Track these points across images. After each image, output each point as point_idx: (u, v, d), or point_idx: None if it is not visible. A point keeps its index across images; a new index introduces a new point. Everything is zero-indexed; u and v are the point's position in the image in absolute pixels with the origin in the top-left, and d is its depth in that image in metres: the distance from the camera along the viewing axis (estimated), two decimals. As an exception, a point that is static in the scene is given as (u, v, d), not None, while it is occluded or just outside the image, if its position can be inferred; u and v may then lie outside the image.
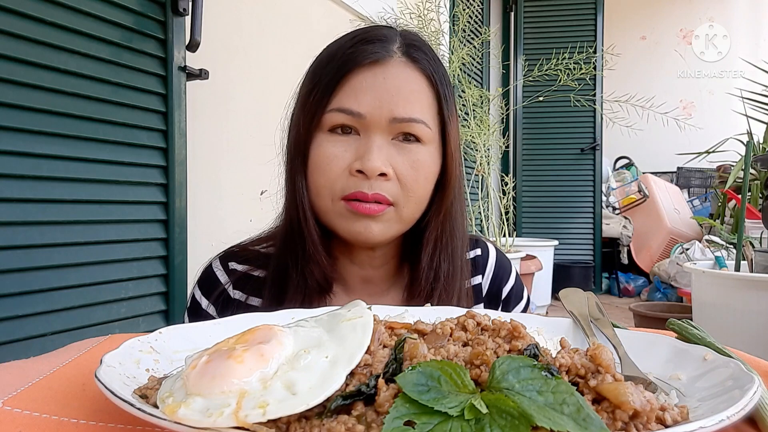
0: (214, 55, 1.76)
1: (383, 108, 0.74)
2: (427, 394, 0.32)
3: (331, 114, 0.75)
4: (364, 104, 0.74)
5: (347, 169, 0.74)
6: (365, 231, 0.74)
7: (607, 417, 0.33)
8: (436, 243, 0.80)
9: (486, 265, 0.91)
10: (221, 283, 0.82)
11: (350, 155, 0.74)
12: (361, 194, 0.73)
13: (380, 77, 0.75)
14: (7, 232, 1.17)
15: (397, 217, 0.76)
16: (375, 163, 0.72)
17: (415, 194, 0.76)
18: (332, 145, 0.75)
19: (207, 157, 1.81)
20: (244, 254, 0.85)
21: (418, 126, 0.75)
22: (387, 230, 0.76)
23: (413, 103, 0.76)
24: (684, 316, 0.70)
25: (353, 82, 0.75)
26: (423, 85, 0.78)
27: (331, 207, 0.75)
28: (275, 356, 0.37)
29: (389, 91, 0.74)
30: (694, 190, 5.99)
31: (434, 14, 3.03)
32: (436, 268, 0.80)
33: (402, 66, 0.77)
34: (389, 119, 0.74)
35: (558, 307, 4.28)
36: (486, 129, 3.35)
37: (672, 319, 0.56)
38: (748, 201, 4.06)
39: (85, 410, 0.38)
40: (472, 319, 0.44)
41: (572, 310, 0.60)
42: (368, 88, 0.74)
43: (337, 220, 0.76)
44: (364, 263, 0.84)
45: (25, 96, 1.20)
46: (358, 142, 0.75)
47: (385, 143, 0.75)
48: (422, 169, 0.76)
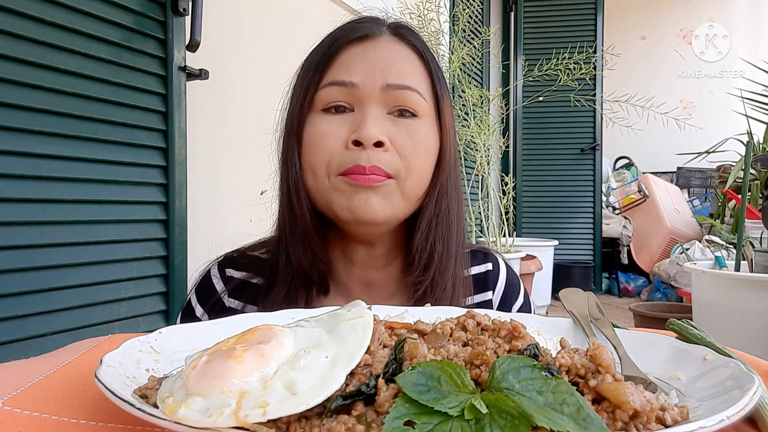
0: (214, 55, 1.76)
1: (375, 76, 0.72)
2: (427, 394, 0.32)
3: (323, 90, 0.73)
4: (356, 74, 0.72)
5: (343, 144, 0.71)
6: (364, 204, 0.70)
7: (607, 417, 0.33)
8: (431, 222, 0.77)
9: (497, 281, 0.88)
10: (217, 291, 0.80)
11: (345, 130, 0.72)
12: (358, 167, 0.70)
13: (371, 49, 0.74)
14: (7, 232, 1.17)
15: (398, 191, 0.73)
16: (371, 130, 0.69)
17: (416, 167, 0.73)
18: (326, 122, 0.73)
19: (207, 157, 1.81)
20: (243, 260, 0.83)
21: (412, 95, 0.73)
22: (388, 205, 0.72)
23: (406, 72, 0.74)
24: (684, 316, 0.70)
25: (343, 57, 0.74)
26: (414, 59, 0.77)
27: (327, 184, 0.72)
28: (275, 356, 0.37)
29: (381, 60, 0.73)
30: (694, 190, 6.00)
31: (434, 14, 3.03)
32: (430, 248, 0.76)
33: (392, 41, 0.76)
34: (382, 86, 0.72)
35: (558, 307, 4.28)
36: (486, 129, 3.35)
37: (672, 319, 0.56)
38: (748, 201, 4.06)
39: (85, 410, 0.38)
40: (472, 319, 0.44)
41: (572, 310, 0.60)
42: (359, 60, 0.73)
43: (335, 196, 0.72)
44: (365, 263, 0.80)
45: (25, 96, 1.20)
46: (352, 117, 0.73)
47: (381, 114, 0.72)
48: (421, 141, 0.74)
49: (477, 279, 0.86)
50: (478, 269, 0.87)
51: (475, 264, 0.87)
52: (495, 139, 3.65)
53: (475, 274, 0.86)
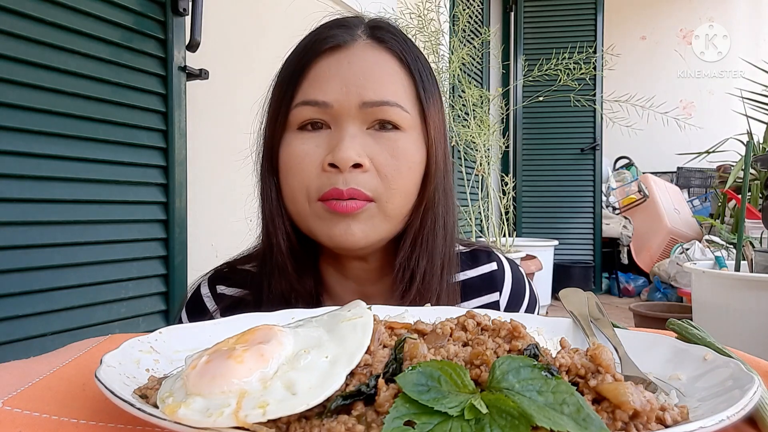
0: (214, 55, 1.76)
1: (350, 93, 0.67)
2: (427, 394, 0.32)
3: (297, 109, 0.69)
4: (330, 92, 0.67)
5: (320, 166, 0.67)
6: (345, 233, 0.67)
7: (607, 417, 0.33)
8: (415, 239, 0.72)
9: (503, 281, 0.83)
10: (209, 310, 0.78)
11: (322, 150, 0.68)
12: (336, 191, 0.66)
13: (344, 62, 0.69)
14: (7, 232, 1.17)
15: (380, 214, 0.68)
16: (346, 152, 0.65)
17: (399, 186, 0.69)
18: (302, 143, 0.69)
19: (207, 157, 1.80)
20: (234, 276, 0.80)
21: (392, 110, 0.68)
22: (371, 230, 0.68)
23: (384, 85, 0.69)
24: (684, 316, 0.70)
25: (315, 72, 0.69)
26: (394, 66, 0.71)
27: (308, 210, 0.69)
28: (275, 356, 0.37)
29: (355, 74, 0.68)
30: (694, 190, 6.00)
31: (434, 14, 3.03)
32: (413, 267, 0.72)
33: (368, 48, 0.71)
34: (359, 104, 0.67)
35: (558, 307, 4.28)
36: (486, 129, 3.35)
37: (672, 319, 0.56)
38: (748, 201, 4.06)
39: (85, 410, 0.38)
40: (472, 319, 0.44)
41: (572, 310, 0.60)
42: (332, 75, 0.68)
43: (316, 223, 0.69)
44: (360, 278, 0.77)
45: (25, 96, 1.20)
46: (329, 135, 0.68)
47: (359, 132, 0.68)
48: (403, 157, 0.69)
49: (482, 280, 0.82)
50: (482, 270, 0.83)
51: (477, 265, 0.83)
52: (495, 139, 3.65)
53: (479, 275, 0.83)
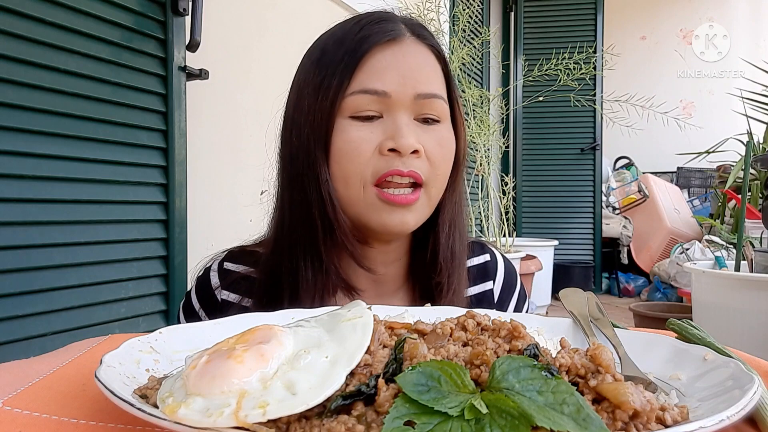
0: (214, 55, 1.76)
1: (407, 85, 0.72)
2: (427, 394, 0.32)
3: (353, 97, 0.72)
4: (388, 82, 0.72)
5: (377, 151, 0.71)
6: (401, 224, 0.73)
7: (607, 417, 0.33)
8: (452, 223, 0.80)
9: (496, 271, 0.90)
10: (211, 286, 0.81)
11: (377, 137, 0.72)
12: (397, 171, 0.70)
13: (399, 54, 0.73)
14: (7, 232, 1.17)
15: (426, 199, 0.75)
16: (408, 139, 0.70)
17: (442, 172, 0.75)
18: (357, 130, 0.72)
19: (207, 157, 1.81)
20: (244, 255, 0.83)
21: (438, 102, 0.74)
22: (420, 217, 0.75)
23: (432, 79, 0.75)
24: (684, 316, 0.70)
25: (373, 62, 0.72)
26: (434, 62, 0.77)
27: (361, 196, 0.72)
28: (275, 356, 0.37)
29: (411, 67, 0.73)
30: (694, 190, 6.00)
31: (434, 14, 3.03)
32: (452, 246, 0.79)
33: (415, 44, 0.76)
34: (413, 96, 0.72)
35: (558, 307, 4.28)
36: (486, 129, 3.35)
37: (672, 319, 0.56)
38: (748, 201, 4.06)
39: (85, 410, 0.38)
40: (472, 319, 0.44)
41: (572, 310, 0.60)
42: (389, 66, 0.72)
43: (368, 210, 0.73)
44: (376, 260, 0.80)
45: (25, 96, 1.20)
46: (383, 124, 0.72)
47: (411, 122, 0.73)
48: (446, 146, 0.76)
49: (477, 269, 0.89)
50: (477, 260, 0.90)
51: (473, 255, 0.89)
52: (495, 139, 3.65)
53: (475, 265, 0.89)
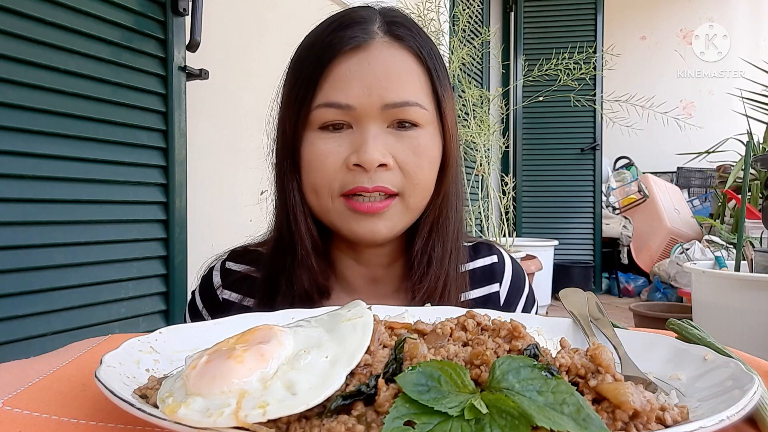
0: (214, 55, 1.76)
1: (372, 96, 0.69)
2: (427, 394, 0.32)
3: (318, 110, 0.70)
4: (352, 95, 0.69)
5: (343, 165, 0.69)
6: (371, 232, 0.70)
7: (607, 417, 0.33)
8: (432, 227, 0.76)
9: (503, 273, 0.86)
10: (213, 285, 0.81)
11: (345, 149, 0.69)
12: (362, 188, 0.68)
13: (365, 63, 0.70)
14: (7, 232, 1.17)
15: (403, 209, 0.72)
16: (372, 154, 0.67)
17: (420, 181, 0.72)
18: (324, 143, 0.70)
19: (207, 157, 1.81)
20: (246, 255, 0.83)
21: (412, 110, 0.70)
22: (394, 225, 0.72)
23: (404, 85, 0.71)
24: (684, 316, 0.70)
25: (336, 73, 0.70)
26: (411, 63, 0.72)
27: (331, 206, 0.71)
28: (275, 356, 0.37)
29: (376, 76, 0.69)
30: (694, 190, 6.00)
31: (434, 14, 3.03)
32: (430, 251, 0.76)
33: (386, 47, 0.71)
34: (381, 106, 0.69)
35: (558, 307, 4.28)
36: (486, 129, 3.35)
37: (672, 319, 0.56)
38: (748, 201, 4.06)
39: (85, 410, 0.38)
40: (472, 319, 0.44)
41: (572, 310, 0.60)
42: (353, 77, 0.69)
43: (339, 220, 0.71)
44: (371, 262, 0.79)
45: (25, 96, 1.20)
46: (351, 135, 0.70)
47: (381, 132, 0.70)
48: (424, 154, 0.72)
49: (483, 271, 0.85)
50: (483, 262, 0.86)
51: (479, 257, 0.86)
52: (495, 139, 3.65)
53: (480, 267, 0.86)
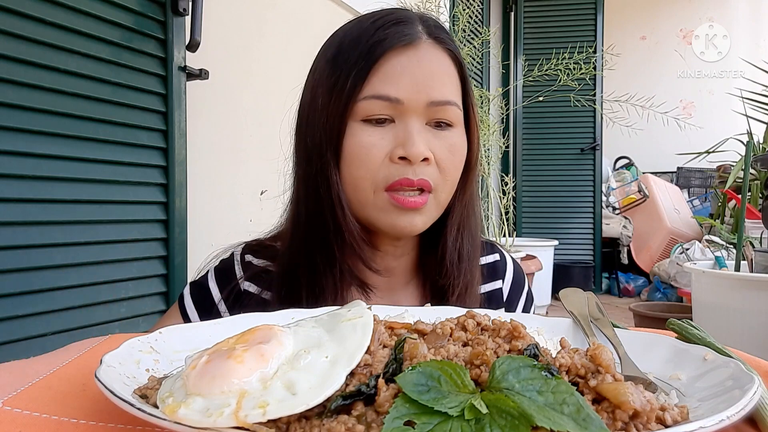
0: (214, 55, 1.76)
1: (420, 92, 0.72)
2: (427, 394, 0.32)
3: (365, 102, 0.72)
4: (402, 89, 0.71)
5: (387, 158, 0.71)
6: (411, 225, 0.73)
7: (607, 417, 0.33)
8: (460, 225, 0.80)
9: (506, 270, 0.92)
10: (236, 276, 0.81)
11: (388, 143, 0.72)
12: (407, 181, 0.71)
13: (414, 60, 0.73)
14: (7, 232, 1.17)
15: (435, 203, 0.75)
16: (419, 148, 0.70)
17: (452, 178, 0.76)
18: (369, 135, 0.72)
19: (207, 157, 1.81)
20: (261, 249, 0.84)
21: (451, 109, 0.74)
22: (429, 219, 0.75)
23: (447, 85, 0.75)
24: (684, 316, 0.70)
25: (387, 67, 0.72)
26: (451, 66, 0.77)
27: (372, 200, 0.73)
28: (275, 356, 0.37)
29: (424, 73, 0.72)
30: (694, 190, 5.99)
31: (434, 14, 3.03)
32: (459, 248, 0.80)
33: (431, 48, 0.75)
34: (426, 103, 0.72)
35: (558, 307, 4.28)
36: (486, 129, 3.35)
37: (672, 319, 0.56)
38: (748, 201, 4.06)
39: (85, 410, 0.38)
40: (472, 319, 0.44)
41: (572, 310, 0.60)
42: (403, 72, 0.72)
43: (378, 213, 0.73)
44: (387, 253, 0.82)
45: (25, 96, 1.20)
46: (394, 129, 0.72)
47: (423, 128, 0.73)
48: (458, 152, 0.76)
49: (487, 268, 0.90)
50: (486, 259, 0.91)
51: (483, 254, 0.90)
52: (495, 139, 3.65)
53: (485, 264, 0.90)
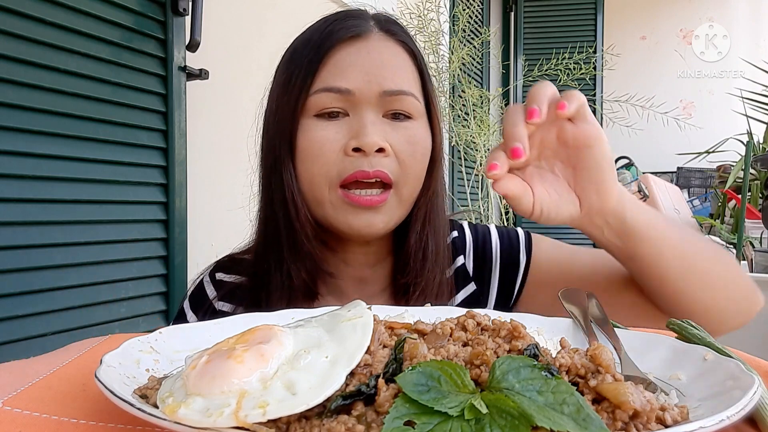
0: (214, 55, 1.76)
1: (372, 82, 0.70)
2: (427, 394, 0.32)
3: (317, 96, 0.71)
4: (352, 80, 0.70)
5: (341, 151, 0.70)
6: (368, 226, 0.70)
7: (607, 417, 0.33)
8: (424, 222, 0.76)
9: (464, 244, 0.84)
10: (209, 297, 0.80)
11: (342, 136, 0.70)
12: (362, 173, 0.68)
13: (363, 51, 0.72)
14: (7, 232, 1.17)
15: (397, 200, 0.72)
16: (372, 137, 0.68)
17: (414, 172, 0.73)
18: (321, 129, 0.70)
19: (207, 157, 1.80)
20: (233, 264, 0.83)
21: (408, 99, 0.72)
22: (389, 219, 0.72)
23: (400, 75, 0.73)
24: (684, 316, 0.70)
25: (336, 59, 0.71)
26: (405, 58, 0.75)
27: (327, 197, 0.71)
28: (275, 356, 0.36)
29: (375, 64, 0.71)
30: (694, 190, 5.99)
31: (434, 14, 3.03)
32: (423, 247, 0.76)
33: (382, 39, 0.74)
34: (379, 93, 0.70)
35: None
36: (486, 129, 3.35)
37: (672, 319, 0.56)
38: (748, 201, 4.06)
39: (85, 410, 0.38)
40: (472, 319, 0.44)
41: (572, 310, 0.60)
42: (353, 63, 0.71)
43: (334, 212, 0.71)
44: (358, 261, 0.79)
45: (25, 96, 1.20)
46: (348, 122, 0.71)
47: (378, 119, 0.71)
48: (418, 144, 0.73)
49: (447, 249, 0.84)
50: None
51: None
52: (495, 139, 3.65)
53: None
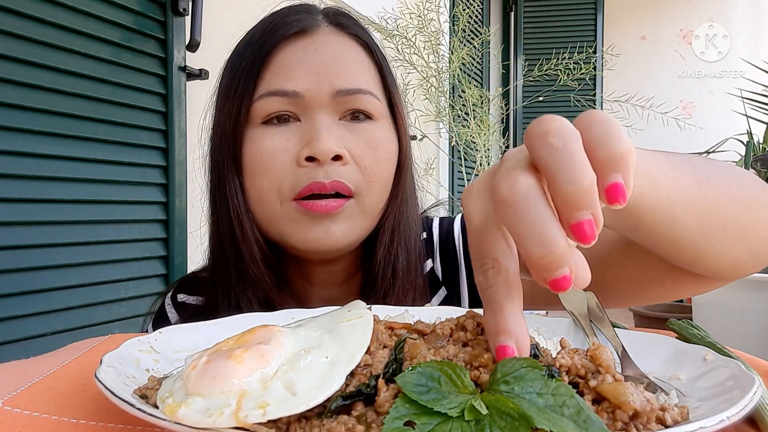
0: (214, 55, 1.76)
1: (322, 82, 0.62)
2: (427, 395, 0.32)
3: (261, 101, 0.63)
4: (300, 81, 0.62)
5: (294, 162, 0.62)
6: (326, 236, 0.62)
7: (607, 417, 0.33)
8: (393, 233, 0.68)
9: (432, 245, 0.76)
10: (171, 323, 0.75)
11: (294, 145, 0.62)
12: (317, 185, 0.60)
13: (311, 48, 0.63)
14: (7, 232, 1.17)
15: (360, 210, 0.64)
16: (326, 143, 0.60)
17: (378, 179, 0.65)
18: (270, 138, 0.62)
19: (207, 157, 1.80)
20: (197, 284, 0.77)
21: (366, 98, 0.64)
22: (351, 230, 0.64)
23: (355, 72, 0.65)
24: (684, 316, 0.70)
25: (281, 59, 0.63)
26: (360, 53, 0.67)
27: (279, 212, 0.63)
28: (275, 356, 0.37)
29: (324, 61, 0.63)
30: (694, 190, 5.99)
31: (434, 14, 3.03)
32: (393, 261, 0.68)
33: (332, 35, 0.66)
34: (331, 93, 0.62)
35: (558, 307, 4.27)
36: (486, 129, 3.35)
37: (672, 319, 0.56)
38: (748, 201, 4.05)
39: (85, 410, 0.38)
40: (472, 320, 0.44)
41: (572, 310, 0.60)
42: (300, 62, 0.63)
43: (289, 226, 0.63)
44: (325, 282, 0.72)
45: (25, 96, 1.20)
46: (300, 128, 0.63)
47: (333, 123, 0.63)
48: (381, 147, 0.65)
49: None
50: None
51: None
52: (495, 139, 3.65)
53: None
